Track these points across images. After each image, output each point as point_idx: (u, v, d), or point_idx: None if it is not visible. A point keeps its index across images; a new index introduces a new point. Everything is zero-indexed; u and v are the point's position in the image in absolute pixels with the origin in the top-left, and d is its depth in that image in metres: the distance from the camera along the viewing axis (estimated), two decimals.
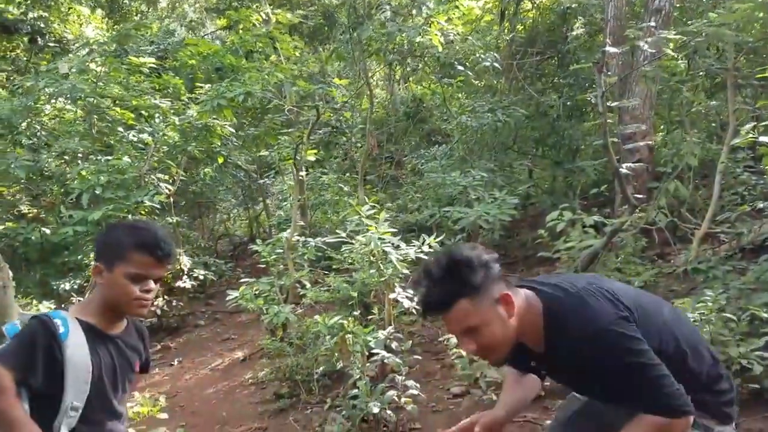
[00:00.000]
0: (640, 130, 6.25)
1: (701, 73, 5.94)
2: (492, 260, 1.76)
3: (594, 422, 1.97)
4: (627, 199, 4.78)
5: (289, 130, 8.46)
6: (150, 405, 4.04)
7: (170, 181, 8.13)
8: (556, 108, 8.65)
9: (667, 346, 1.74)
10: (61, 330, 1.88)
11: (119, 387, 2.05)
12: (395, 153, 11.80)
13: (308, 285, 6.58)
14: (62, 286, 6.47)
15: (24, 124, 7.03)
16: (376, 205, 5.87)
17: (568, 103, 8.63)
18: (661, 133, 7.88)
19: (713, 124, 6.92)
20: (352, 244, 5.36)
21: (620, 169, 4.68)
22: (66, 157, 7.41)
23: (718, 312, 3.34)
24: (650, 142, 6.21)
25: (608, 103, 5.14)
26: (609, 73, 6.69)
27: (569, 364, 1.74)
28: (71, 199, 6.74)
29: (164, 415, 4.11)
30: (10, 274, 2.59)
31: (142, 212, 8.06)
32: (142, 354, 2.20)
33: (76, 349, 1.87)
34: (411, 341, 5.13)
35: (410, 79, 12.46)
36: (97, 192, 6.66)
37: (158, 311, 8.72)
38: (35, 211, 7.06)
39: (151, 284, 1.95)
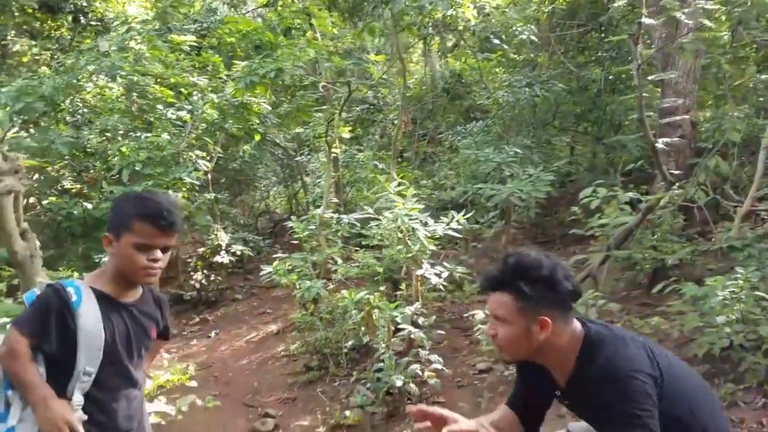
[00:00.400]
0: (683, 105, 5.98)
1: (748, 46, 5.61)
2: (564, 284, 1.72)
3: None
4: (663, 175, 4.59)
5: (324, 107, 8.46)
6: (180, 373, 4.16)
7: (208, 158, 8.27)
8: (598, 82, 8.36)
9: (693, 419, 1.72)
10: (74, 298, 1.94)
11: (134, 353, 2.09)
12: (432, 130, 11.67)
13: (339, 261, 6.63)
14: (104, 259, 6.69)
15: (66, 102, 7.26)
16: (404, 181, 5.83)
17: (610, 77, 8.32)
18: (709, 109, 7.54)
19: (761, 99, 6.55)
20: (380, 220, 5.34)
21: (656, 144, 4.48)
22: (107, 134, 7.62)
23: (751, 290, 3.19)
24: (693, 118, 5.93)
25: (647, 77, 4.91)
26: (652, 45, 6.43)
27: (590, 396, 1.71)
28: (112, 176, 6.95)
29: (194, 383, 4.23)
30: (38, 244, 2.67)
31: (182, 189, 8.28)
32: (159, 321, 2.23)
33: (89, 316, 1.92)
34: (435, 316, 5.11)
35: (448, 54, 12.24)
36: (137, 168, 6.84)
37: (197, 285, 8.97)
38: (78, 186, 7.31)
39: (158, 253, 1.97)
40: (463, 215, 5.37)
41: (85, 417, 1.90)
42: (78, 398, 1.90)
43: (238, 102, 7.89)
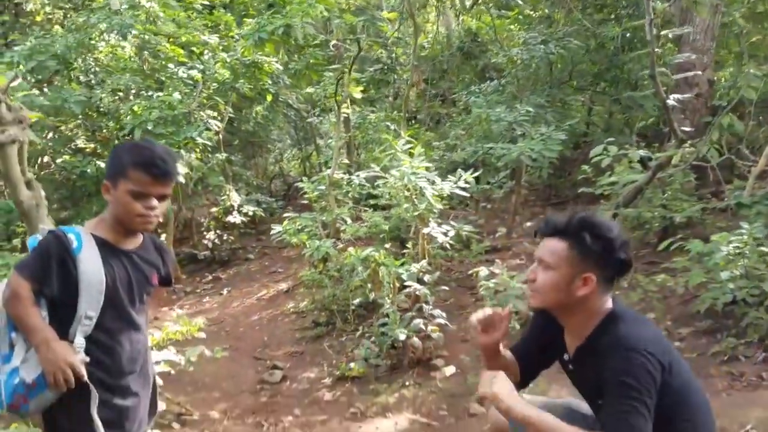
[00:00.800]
0: (700, 62, 5.82)
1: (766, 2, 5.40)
2: (620, 252, 1.73)
3: None
4: (674, 132, 4.50)
5: (335, 66, 8.37)
6: (188, 325, 4.25)
7: (219, 118, 8.27)
8: (616, 40, 8.14)
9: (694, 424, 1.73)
10: (75, 244, 1.97)
11: (135, 299, 2.12)
12: (446, 90, 11.52)
13: (349, 221, 6.66)
14: None
15: (79, 61, 7.28)
16: (411, 139, 5.80)
17: (628, 34, 8.09)
18: (728, 68, 7.34)
19: None
20: (387, 179, 5.33)
21: (668, 101, 4.38)
22: (119, 94, 7.65)
23: (756, 246, 3.16)
24: (710, 76, 5.77)
25: (662, 32, 4.77)
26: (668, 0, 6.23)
27: (595, 365, 1.71)
28: (125, 135, 6.99)
29: (203, 335, 4.32)
30: (43, 193, 2.71)
31: (195, 150, 8.32)
32: (160, 269, 2.25)
33: (89, 262, 1.96)
34: (441, 274, 5.14)
35: (465, 12, 11.97)
36: (149, 127, 6.86)
37: (210, 245, 9.11)
38: (91, 146, 7.38)
39: (153, 202, 1.97)
40: (472, 174, 5.35)
41: (87, 359, 1.94)
42: (80, 341, 1.94)
43: (249, 61, 7.84)
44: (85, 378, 1.91)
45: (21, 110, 2.70)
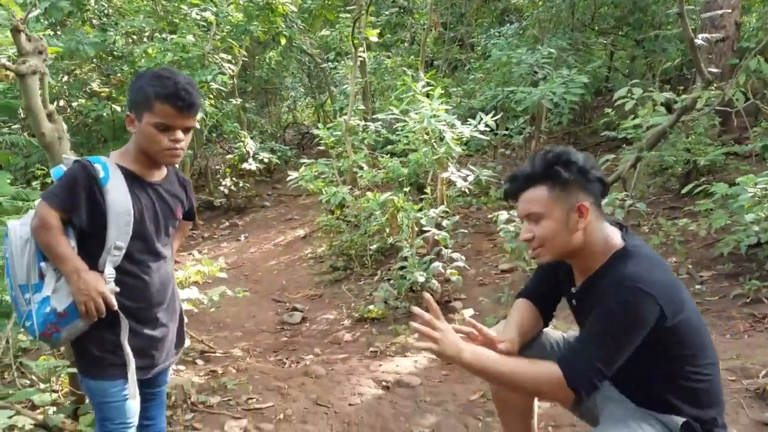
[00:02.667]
0: (728, 2, 5.58)
1: None
2: (594, 171, 1.67)
3: None
4: (700, 73, 4.35)
5: (351, 7, 8.16)
6: (210, 265, 4.29)
7: (233, 62, 8.16)
8: None
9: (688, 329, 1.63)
10: (101, 174, 1.94)
11: (161, 231, 2.12)
12: (464, 35, 11.23)
13: (365, 167, 6.62)
14: None
15: (92, 2, 7.15)
16: (432, 82, 5.68)
17: None
18: (758, 11, 7.05)
19: None
20: (406, 122, 5.25)
21: (695, 40, 4.22)
22: (134, 37, 7.55)
23: None
24: (737, 17, 5.54)
25: None
26: None
27: (597, 300, 1.65)
28: None
29: (223, 275, 4.37)
30: (65, 126, 2.69)
31: (210, 96, 8.23)
32: (184, 202, 2.24)
33: (116, 193, 1.94)
34: (459, 218, 5.11)
35: None
36: None
37: (226, 191, 9.14)
38: (106, 89, 7.33)
39: (179, 134, 1.94)
40: (491, 117, 5.25)
41: (117, 289, 1.95)
42: (110, 271, 1.95)
43: (263, 2, 7.66)
44: (116, 307, 1.93)
45: (41, 41, 2.65)
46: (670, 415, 1.65)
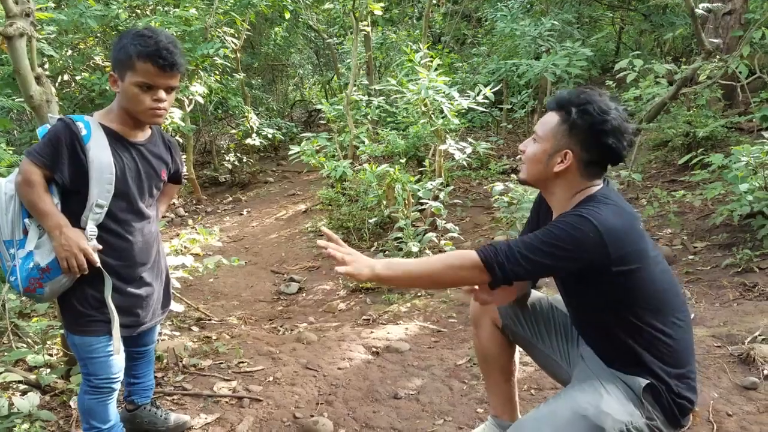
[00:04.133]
0: None
1: None
2: (609, 138, 1.61)
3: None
4: (701, 44, 4.28)
5: None
6: (205, 233, 4.32)
7: (236, 35, 8.13)
8: None
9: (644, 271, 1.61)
10: (84, 132, 1.96)
11: (145, 191, 2.13)
12: (472, 10, 11.10)
13: (366, 141, 6.61)
14: None
15: None
16: (431, 54, 5.64)
17: None
18: None
19: None
20: (404, 94, 5.22)
21: (695, 9, 4.14)
22: (137, 11, 7.53)
23: None
24: None
25: None
26: None
27: None
28: None
29: (219, 243, 4.40)
30: (53, 90, 2.70)
31: (215, 72, 8.22)
32: (169, 164, 2.24)
33: (99, 150, 1.95)
34: (452, 187, 5.09)
35: None
36: None
37: (230, 166, 9.18)
38: (109, 63, 7.29)
39: (161, 93, 1.94)
40: (491, 90, 5.21)
41: (100, 246, 1.97)
42: (92, 228, 1.97)
43: None
44: (98, 264, 1.95)
45: (28, 3, 2.65)
46: (634, 376, 1.65)
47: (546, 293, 2.14)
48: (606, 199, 1.65)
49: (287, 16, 8.86)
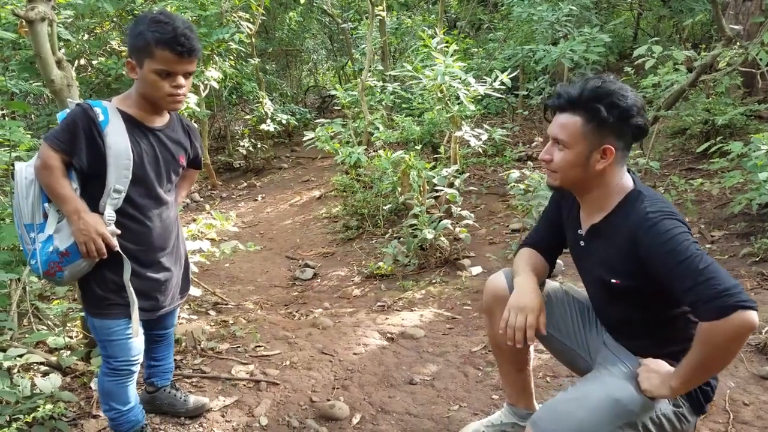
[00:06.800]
0: None
1: None
2: (635, 119, 1.62)
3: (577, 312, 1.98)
4: (721, 30, 4.20)
5: None
6: (222, 218, 4.36)
7: (251, 20, 8.11)
8: None
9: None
10: (101, 118, 1.96)
11: (163, 177, 2.14)
12: None
13: (381, 128, 6.60)
14: None
15: None
16: (448, 39, 5.59)
17: None
18: None
19: None
20: (420, 80, 5.19)
21: None
22: None
23: None
24: None
25: None
26: None
27: (618, 240, 1.64)
28: None
29: (234, 229, 4.44)
30: (74, 74, 2.72)
31: (230, 57, 8.22)
32: (188, 149, 2.25)
33: (116, 136, 1.96)
34: (468, 174, 5.07)
35: None
36: None
37: (244, 152, 9.21)
38: (125, 48, 7.32)
39: (180, 80, 1.95)
40: (508, 76, 5.16)
41: (118, 231, 1.99)
42: (110, 213, 1.99)
43: None
44: (117, 248, 1.98)
45: None
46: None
47: (562, 281, 2.14)
48: (651, 195, 1.65)
49: (302, 0, 8.79)
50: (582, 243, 1.84)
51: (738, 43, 4.33)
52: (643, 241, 1.54)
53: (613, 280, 1.68)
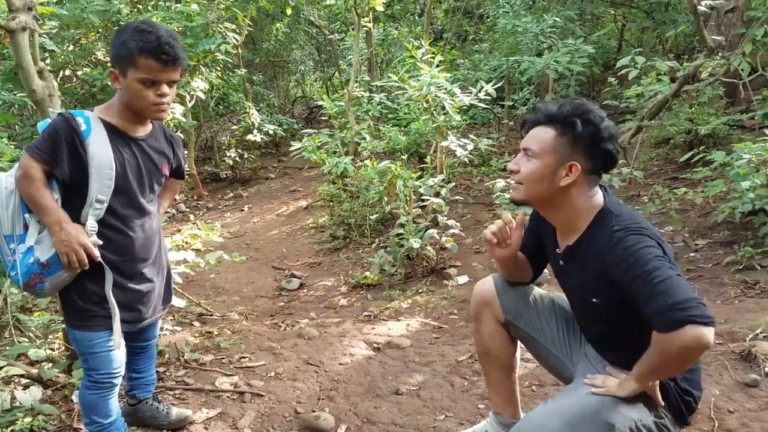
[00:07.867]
0: None
1: None
2: (607, 144, 1.62)
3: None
4: (703, 41, 4.26)
5: None
6: (206, 229, 4.32)
7: (238, 31, 8.12)
8: None
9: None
10: (83, 128, 1.94)
11: (146, 187, 2.12)
12: (474, 7, 11.09)
13: (368, 138, 6.61)
14: None
15: None
16: (434, 51, 5.62)
17: None
18: None
19: None
20: (405, 90, 5.21)
21: (698, 6, 4.13)
22: (139, 6, 7.52)
23: None
24: None
25: None
26: None
27: (593, 260, 1.63)
28: None
29: (220, 239, 4.41)
30: (56, 84, 2.70)
31: (216, 68, 8.21)
32: (170, 159, 2.24)
33: (98, 146, 1.94)
34: (454, 184, 5.08)
35: None
36: None
37: (231, 162, 9.18)
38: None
39: (164, 88, 1.94)
40: (494, 86, 5.20)
41: (100, 242, 1.96)
42: (92, 224, 1.96)
43: None
44: (99, 259, 1.95)
45: None
46: None
47: (548, 290, 2.15)
48: (620, 211, 1.65)
49: (289, 11, 8.82)
50: (561, 262, 1.84)
51: (720, 54, 4.39)
52: (609, 259, 1.55)
53: (593, 300, 1.67)
